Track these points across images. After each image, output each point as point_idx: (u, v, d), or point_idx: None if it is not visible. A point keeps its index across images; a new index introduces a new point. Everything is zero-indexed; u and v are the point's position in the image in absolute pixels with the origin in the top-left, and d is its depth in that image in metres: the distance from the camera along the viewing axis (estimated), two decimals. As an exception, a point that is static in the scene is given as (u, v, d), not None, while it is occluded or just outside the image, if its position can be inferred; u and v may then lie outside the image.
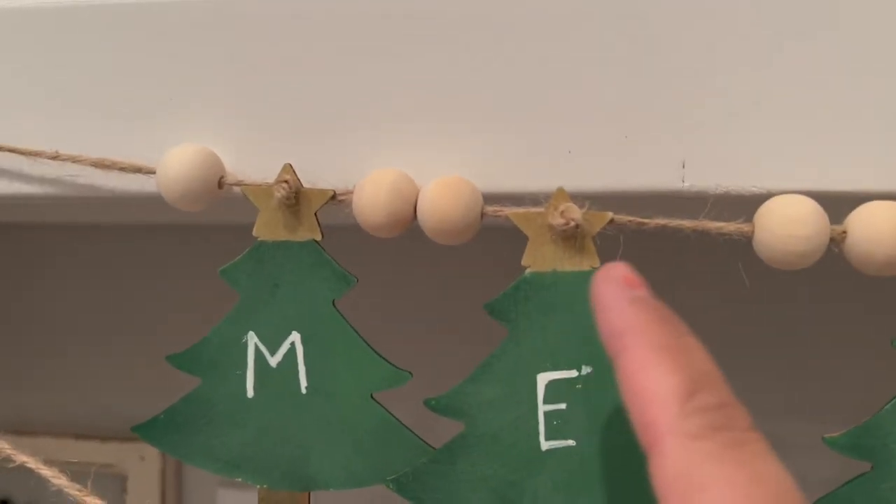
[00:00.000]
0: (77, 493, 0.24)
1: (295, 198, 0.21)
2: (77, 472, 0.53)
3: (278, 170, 0.21)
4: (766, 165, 0.20)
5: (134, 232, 0.53)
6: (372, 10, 0.21)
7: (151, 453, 0.55)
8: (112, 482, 0.54)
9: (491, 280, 0.22)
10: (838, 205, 0.20)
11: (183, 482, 0.56)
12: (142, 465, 0.55)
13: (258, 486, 0.23)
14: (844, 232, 0.19)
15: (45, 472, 0.24)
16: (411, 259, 0.39)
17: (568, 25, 0.21)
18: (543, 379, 0.20)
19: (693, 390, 0.16)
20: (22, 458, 0.24)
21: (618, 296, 0.18)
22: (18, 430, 0.55)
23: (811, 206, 0.19)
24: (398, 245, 0.26)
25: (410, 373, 0.22)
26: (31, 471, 0.24)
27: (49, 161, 0.23)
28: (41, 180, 0.24)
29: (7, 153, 0.23)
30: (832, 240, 0.19)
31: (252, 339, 0.22)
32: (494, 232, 0.23)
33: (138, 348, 0.53)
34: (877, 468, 0.20)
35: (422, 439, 0.22)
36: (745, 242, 0.20)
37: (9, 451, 0.24)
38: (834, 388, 0.37)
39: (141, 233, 0.53)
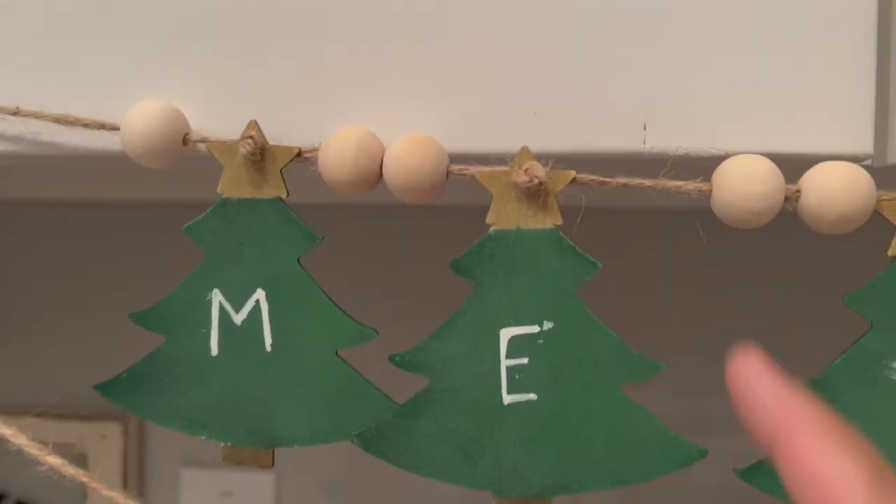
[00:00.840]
0: (74, 473, 0.23)
1: (260, 154, 0.21)
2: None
3: (243, 128, 0.21)
4: (724, 128, 0.21)
5: (96, 212, 0.52)
6: (339, -32, 0.22)
7: (113, 432, 0.55)
8: (74, 461, 0.54)
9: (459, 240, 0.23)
10: (794, 166, 0.20)
11: (145, 462, 0.56)
12: (103, 444, 0.54)
13: (222, 444, 0.23)
14: (798, 191, 0.20)
15: (35, 451, 0.23)
16: (380, 223, 0.39)
17: (534, -13, 0.21)
18: (506, 334, 0.21)
19: (876, 477, 0.16)
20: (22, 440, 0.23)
21: (770, 387, 0.18)
22: (-24, 408, 0.54)
23: (767, 165, 0.20)
24: (368, 209, 0.26)
25: (376, 330, 0.22)
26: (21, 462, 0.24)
27: (9, 117, 0.23)
28: (2, 137, 0.23)
29: (-35, 109, 0.23)
30: (787, 199, 0.20)
31: (217, 297, 0.22)
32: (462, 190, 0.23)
33: (99, 328, 0.53)
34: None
35: (387, 395, 0.22)
36: (704, 209, 0.21)
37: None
38: (788, 346, 0.38)
39: (104, 212, 0.52)
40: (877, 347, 0.20)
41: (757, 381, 0.18)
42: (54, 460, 0.24)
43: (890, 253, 0.20)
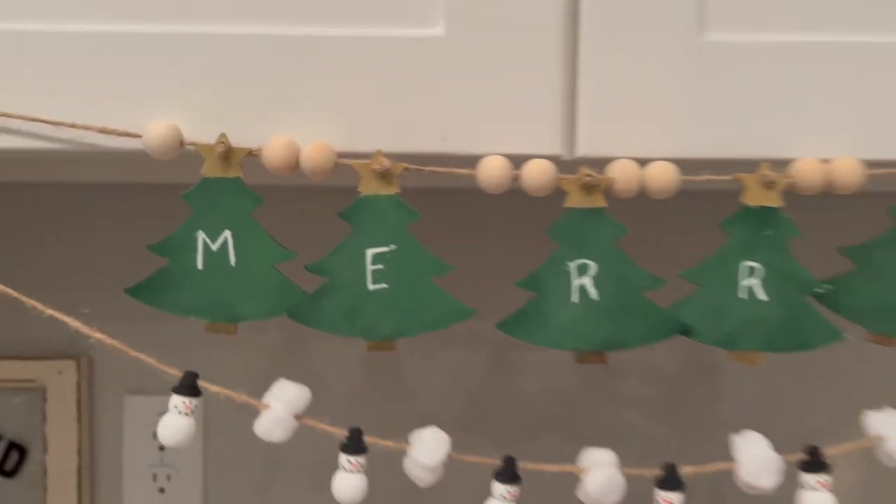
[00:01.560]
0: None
1: (227, 152, 0.37)
2: (5, 388, 0.66)
3: (217, 137, 0.37)
4: (481, 134, 0.38)
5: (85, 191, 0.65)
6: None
7: (68, 368, 0.67)
8: (34, 394, 0.66)
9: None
10: (516, 162, 0.38)
11: (94, 391, 0.69)
12: (59, 378, 0.67)
13: (205, 322, 0.38)
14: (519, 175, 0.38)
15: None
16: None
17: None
18: (370, 252, 0.38)
19: None
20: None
21: None
22: (-51, 352, 0.65)
23: (501, 160, 0.38)
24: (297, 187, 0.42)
25: (295, 253, 0.38)
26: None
27: (65, 127, 0.37)
28: (60, 140, 0.38)
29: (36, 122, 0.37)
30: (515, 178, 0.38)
31: (200, 235, 0.38)
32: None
33: (55, 283, 0.65)
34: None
35: (302, 290, 0.38)
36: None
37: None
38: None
39: (87, 191, 0.65)
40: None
41: None
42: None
43: (567, 205, 0.38)
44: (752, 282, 0.37)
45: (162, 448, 0.68)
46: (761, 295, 0.37)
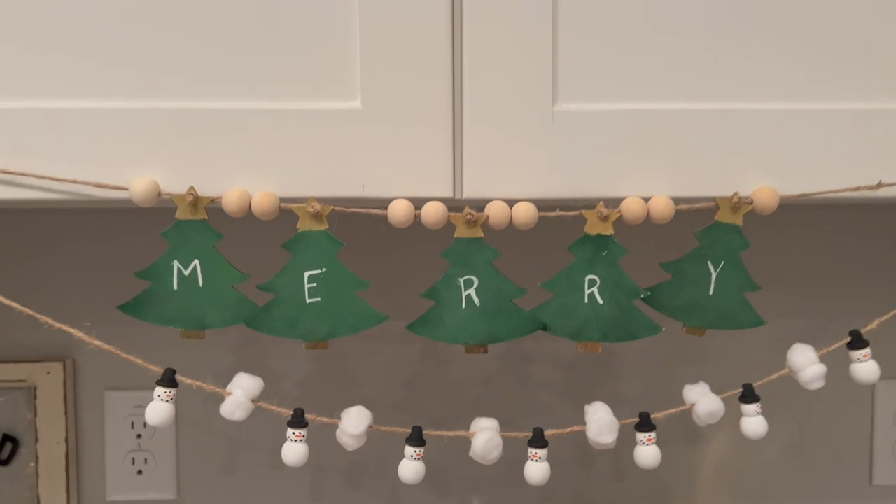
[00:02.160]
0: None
1: (195, 200, 0.49)
2: (0, 388, 0.76)
3: (186, 187, 0.49)
4: (386, 183, 0.50)
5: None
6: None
7: (55, 369, 0.77)
8: (26, 392, 0.76)
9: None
10: (416, 203, 0.50)
11: (78, 389, 0.78)
12: (47, 378, 0.76)
13: (180, 330, 0.50)
14: (418, 213, 0.50)
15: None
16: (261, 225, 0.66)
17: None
18: (307, 273, 0.50)
19: None
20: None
21: None
22: (-50, 358, 0.75)
23: (406, 204, 0.50)
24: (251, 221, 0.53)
25: (249, 274, 0.50)
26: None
27: (67, 182, 0.48)
28: (61, 192, 0.49)
29: (35, 177, 0.48)
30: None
31: (175, 263, 0.49)
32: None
33: (42, 295, 0.75)
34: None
35: (254, 304, 0.50)
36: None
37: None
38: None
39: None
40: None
41: None
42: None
43: (456, 235, 0.50)
44: (592, 290, 0.50)
45: (139, 436, 0.77)
46: (600, 300, 0.50)
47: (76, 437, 0.77)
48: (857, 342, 0.51)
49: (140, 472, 0.77)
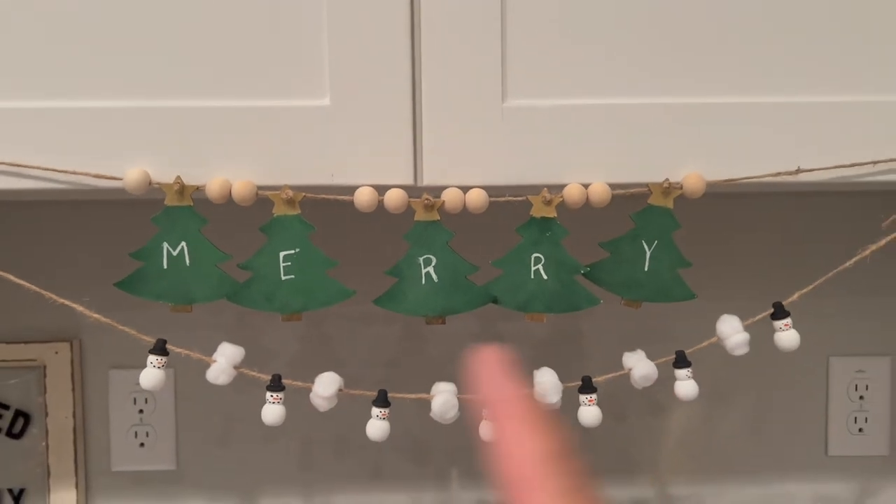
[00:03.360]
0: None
1: (181, 188, 0.55)
2: (13, 367, 0.83)
3: (173, 177, 0.55)
4: (355, 170, 0.56)
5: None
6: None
7: (63, 349, 0.83)
8: (36, 371, 0.82)
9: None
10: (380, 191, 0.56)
11: (84, 367, 0.84)
12: (56, 357, 0.82)
13: (170, 304, 0.56)
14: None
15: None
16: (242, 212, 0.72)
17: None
18: (282, 254, 0.56)
19: (557, 457, 0.20)
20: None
21: (497, 373, 0.23)
22: (-33, 339, 0.81)
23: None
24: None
25: (231, 255, 0.56)
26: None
27: (68, 173, 0.54)
28: (63, 182, 0.55)
29: (38, 169, 0.54)
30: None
31: (165, 245, 0.55)
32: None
33: (50, 282, 0.81)
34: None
35: (234, 280, 0.56)
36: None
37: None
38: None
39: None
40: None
41: (490, 369, 0.23)
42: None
43: (416, 219, 0.56)
44: (538, 267, 0.56)
45: (141, 411, 0.83)
46: (545, 275, 0.56)
47: (83, 413, 0.82)
48: (779, 313, 0.57)
49: (142, 444, 0.82)
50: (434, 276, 0.56)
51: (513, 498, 0.21)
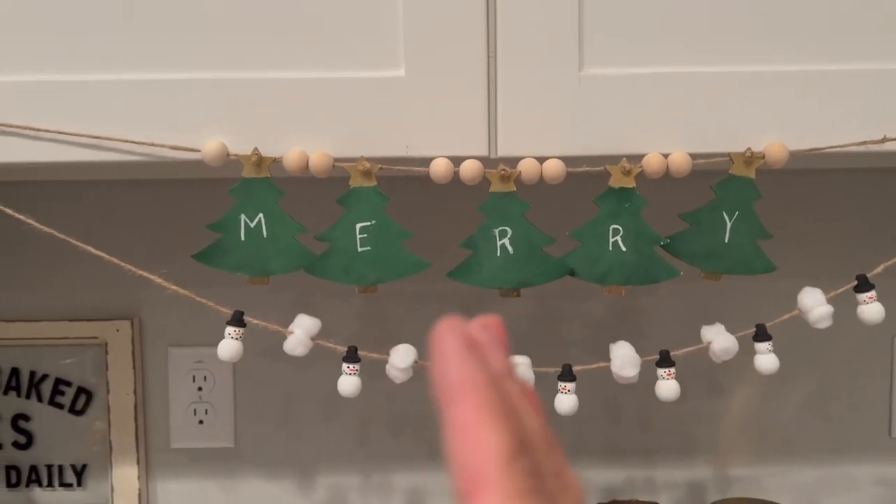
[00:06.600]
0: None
1: (259, 160, 0.55)
2: (75, 344, 0.83)
3: (251, 149, 0.55)
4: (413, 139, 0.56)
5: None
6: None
7: (124, 327, 0.84)
8: (98, 348, 0.84)
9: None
10: (456, 162, 0.55)
11: (144, 345, 0.85)
12: (117, 335, 0.83)
13: (248, 276, 0.56)
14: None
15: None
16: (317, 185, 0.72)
17: (363, 94, 0.56)
18: (358, 225, 0.55)
19: (516, 452, 0.18)
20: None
21: (455, 350, 0.20)
22: (33, 318, 0.83)
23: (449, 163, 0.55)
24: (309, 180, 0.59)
25: (307, 227, 0.56)
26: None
27: (146, 145, 0.55)
28: (140, 154, 0.55)
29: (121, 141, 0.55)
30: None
31: (242, 217, 0.56)
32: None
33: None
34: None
35: (313, 252, 0.56)
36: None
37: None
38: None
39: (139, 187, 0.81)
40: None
41: (449, 344, 0.20)
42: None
43: (491, 190, 0.56)
44: (616, 238, 0.55)
45: (200, 389, 0.84)
46: (623, 247, 0.55)
47: (143, 390, 0.83)
48: (863, 285, 0.56)
49: (201, 421, 0.83)
50: (510, 248, 0.56)
51: (463, 494, 0.19)
